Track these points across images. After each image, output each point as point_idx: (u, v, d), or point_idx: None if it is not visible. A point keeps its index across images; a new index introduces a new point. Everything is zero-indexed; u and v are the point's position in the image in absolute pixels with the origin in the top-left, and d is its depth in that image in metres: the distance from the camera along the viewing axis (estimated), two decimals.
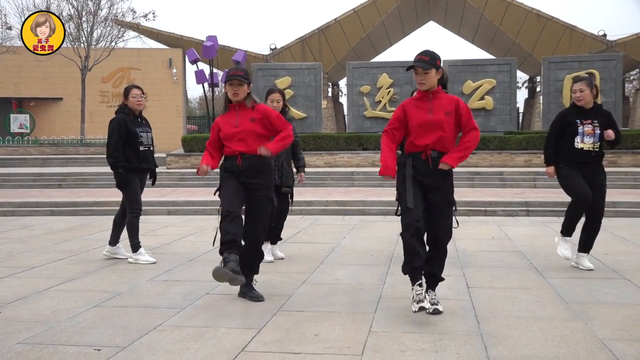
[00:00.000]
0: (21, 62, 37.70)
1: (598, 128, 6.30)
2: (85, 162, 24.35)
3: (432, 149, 4.77)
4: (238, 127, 5.22)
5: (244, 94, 5.25)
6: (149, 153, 7.13)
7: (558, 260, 6.78)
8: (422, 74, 4.75)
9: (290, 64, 27.97)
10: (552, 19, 35.42)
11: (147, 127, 7.20)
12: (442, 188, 4.80)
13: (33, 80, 40.13)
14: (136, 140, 7.01)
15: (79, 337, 4.27)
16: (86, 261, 7.12)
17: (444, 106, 4.80)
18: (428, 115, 4.78)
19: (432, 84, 4.78)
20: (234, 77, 5.18)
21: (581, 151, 6.33)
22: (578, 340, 4.13)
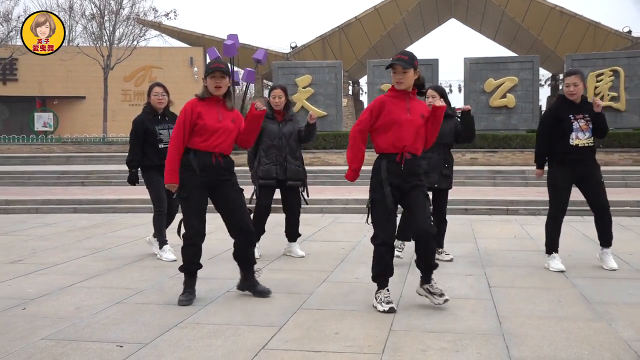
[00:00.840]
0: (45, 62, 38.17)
1: (591, 122, 6.19)
2: (108, 160, 24.56)
3: (408, 150, 4.85)
4: (221, 122, 5.08)
5: (226, 88, 5.14)
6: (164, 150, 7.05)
7: (581, 259, 6.72)
8: (400, 73, 4.79)
9: (310, 62, 28.00)
10: (575, 16, 35.07)
11: (171, 123, 7.08)
12: (418, 186, 4.90)
13: (56, 79, 40.63)
14: (155, 138, 7.04)
15: (102, 333, 4.31)
16: (109, 258, 7.18)
17: (420, 109, 4.90)
18: (407, 115, 4.82)
19: (409, 84, 4.84)
20: (218, 69, 5.03)
21: (577, 148, 6.19)
22: (602, 341, 4.09)
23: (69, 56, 36.49)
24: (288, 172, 6.91)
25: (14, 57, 37.45)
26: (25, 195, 13.95)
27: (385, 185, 4.82)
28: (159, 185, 7.10)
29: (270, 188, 6.97)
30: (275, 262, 6.91)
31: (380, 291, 4.92)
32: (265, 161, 6.89)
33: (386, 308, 4.77)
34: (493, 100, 22.68)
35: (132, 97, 41.68)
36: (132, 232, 9.39)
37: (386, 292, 4.91)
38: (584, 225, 9.57)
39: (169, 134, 7.01)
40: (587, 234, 8.59)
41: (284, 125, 6.99)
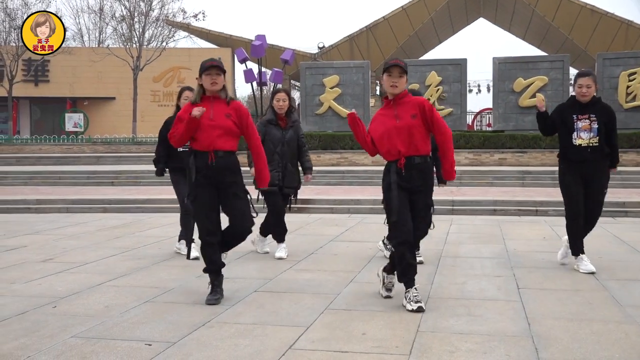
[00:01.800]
0: (76, 63, 38.74)
1: (595, 122, 6.08)
2: (137, 160, 24.80)
3: (405, 155, 4.89)
4: (213, 120, 5.03)
5: (222, 85, 5.08)
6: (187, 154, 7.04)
7: (612, 261, 6.62)
8: (397, 76, 4.88)
9: (338, 62, 27.98)
10: (607, 14, 34.55)
11: None
12: (424, 191, 4.99)
13: (87, 80, 41.17)
14: None
15: (131, 332, 4.36)
16: (137, 257, 7.25)
17: (408, 110, 4.91)
18: (395, 122, 4.90)
19: (402, 89, 4.93)
20: (213, 67, 5.02)
21: (579, 148, 6.13)
22: (633, 344, 4.02)
23: (99, 57, 37.02)
24: (286, 180, 6.98)
25: (45, 59, 38.05)
26: (56, 195, 14.16)
27: (394, 187, 4.92)
28: (183, 186, 7.14)
29: (276, 193, 7.01)
30: (302, 263, 6.92)
31: (409, 290, 4.91)
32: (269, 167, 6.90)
33: (415, 307, 4.77)
34: (522, 100, 22.42)
35: (161, 97, 42.07)
36: (161, 231, 9.47)
37: (414, 291, 4.90)
38: (615, 226, 9.41)
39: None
40: (619, 235, 8.46)
41: (287, 131, 7.01)
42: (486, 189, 14.78)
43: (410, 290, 4.91)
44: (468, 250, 7.60)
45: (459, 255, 7.30)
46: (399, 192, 4.91)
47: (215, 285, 5.22)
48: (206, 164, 5.06)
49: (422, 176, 4.96)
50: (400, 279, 5.01)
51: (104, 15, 39.91)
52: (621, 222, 10.01)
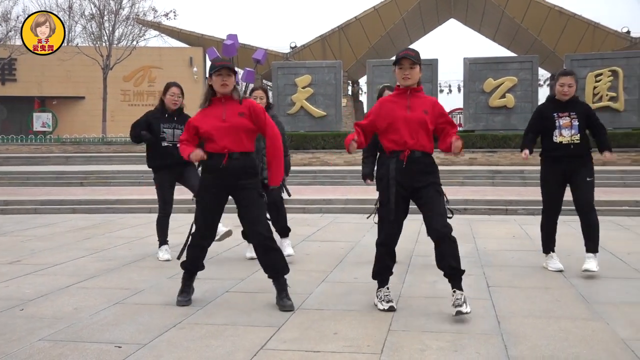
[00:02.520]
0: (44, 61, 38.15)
1: (576, 120, 6.12)
2: (107, 160, 24.56)
3: (411, 148, 4.74)
4: (226, 121, 4.88)
5: (232, 86, 4.92)
6: (173, 149, 6.87)
7: (579, 259, 6.71)
8: (408, 68, 4.74)
9: (310, 62, 28.00)
10: (574, 16, 35.09)
11: (178, 123, 7.04)
12: (429, 185, 4.76)
13: (56, 79, 40.61)
14: (158, 136, 7.02)
15: (100, 334, 4.31)
16: (107, 259, 7.18)
17: (422, 104, 4.79)
18: (406, 112, 4.76)
19: (414, 80, 4.79)
20: (224, 67, 4.86)
21: (560, 145, 6.17)
22: (599, 340, 4.09)
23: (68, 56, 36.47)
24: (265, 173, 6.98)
25: (12, 57, 37.44)
26: (24, 196, 13.95)
27: (392, 185, 4.75)
28: (165, 188, 7.17)
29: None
30: None
31: (380, 289, 4.92)
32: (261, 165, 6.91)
33: (386, 307, 4.77)
34: (492, 100, 22.66)
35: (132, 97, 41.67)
36: (131, 232, 9.39)
37: (386, 291, 4.91)
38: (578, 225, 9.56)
39: (174, 133, 7.00)
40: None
41: None
42: (457, 189, 14.91)
43: (382, 290, 4.92)
44: None
45: (430, 254, 7.31)
46: (397, 191, 4.74)
47: (186, 286, 5.16)
48: (218, 166, 4.91)
49: (422, 173, 4.76)
50: (374, 276, 5.00)
51: (73, 14, 39.36)
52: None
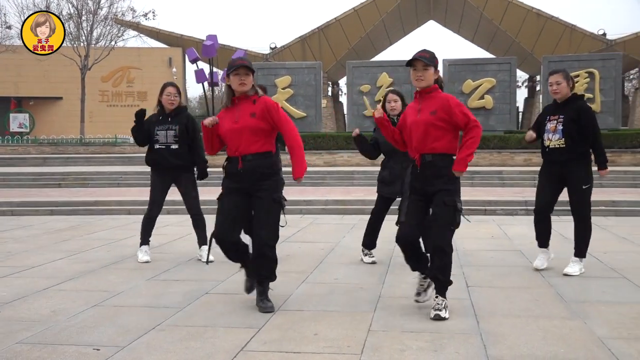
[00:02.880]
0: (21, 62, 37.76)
1: (561, 124, 6.04)
2: (85, 161, 24.35)
3: (421, 152, 4.74)
4: (238, 122, 4.82)
5: (250, 85, 4.85)
6: (165, 151, 6.92)
7: (557, 259, 6.78)
8: (421, 70, 4.70)
9: (290, 63, 28.00)
10: (552, 18, 35.46)
11: (173, 124, 6.94)
12: (442, 192, 4.70)
13: (33, 79, 40.22)
14: (152, 139, 6.99)
15: (78, 336, 4.27)
16: (85, 261, 7.12)
17: (431, 105, 4.73)
18: (416, 116, 4.77)
19: (429, 82, 4.74)
20: (242, 66, 4.77)
21: (548, 149, 6.18)
22: (577, 339, 4.14)
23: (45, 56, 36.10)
24: None
25: None
26: (1, 197, 13.77)
27: (406, 189, 4.90)
28: (157, 190, 7.10)
29: None
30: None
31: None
32: None
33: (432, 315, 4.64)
34: (471, 101, 22.82)
35: (110, 97, 41.37)
36: (110, 234, 9.32)
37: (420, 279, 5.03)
38: (560, 225, 9.67)
39: (167, 134, 6.92)
40: (564, 234, 8.68)
41: None
42: None
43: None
44: None
45: None
46: (412, 196, 4.86)
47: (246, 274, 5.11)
48: (233, 171, 4.87)
49: (435, 177, 4.70)
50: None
51: None
52: (565, 221, 10.27)
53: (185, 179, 7.05)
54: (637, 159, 19.32)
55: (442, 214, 4.68)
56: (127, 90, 41.28)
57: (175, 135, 6.91)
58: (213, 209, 5.41)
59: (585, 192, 6.14)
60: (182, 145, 6.92)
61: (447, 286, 4.73)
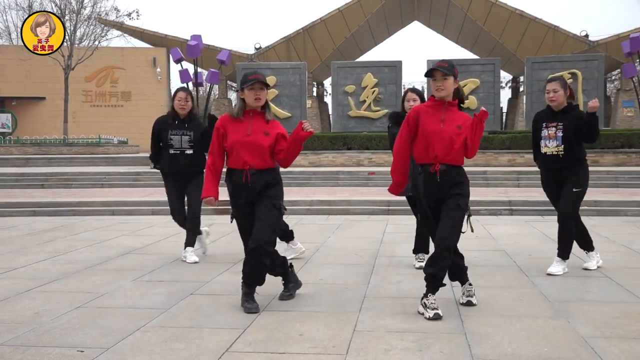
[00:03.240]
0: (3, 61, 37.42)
1: (561, 131, 6.07)
2: (69, 162, 24.19)
3: (440, 162, 4.74)
4: (250, 136, 4.84)
5: (265, 100, 4.89)
6: (180, 156, 6.95)
7: (541, 259, 6.84)
8: (441, 80, 4.71)
9: (274, 63, 27.98)
10: (535, 19, 35.68)
11: (188, 129, 6.98)
12: (452, 197, 4.75)
13: (15, 79, 39.83)
14: (166, 143, 7.01)
15: (62, 338, 4.24)
16: (69, 262, 7.07)
17: (456, 119, 4.76)
18: (440, 125, 4.74)
19: (449, 92, 4.75)
20: (257, 80, 4.79)
21: (545, 156, 6.21)
22: (561, 338, 4.17)
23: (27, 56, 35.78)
24: None
25: None
26: None
27: (422, 197, 4.82)
28: (174, 197, 7.15)
29: None
30: (239, 265, 6.87)
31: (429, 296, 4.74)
32: None
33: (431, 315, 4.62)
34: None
35: (94, 98, 41.07)
36: (94, 235, 9.26)
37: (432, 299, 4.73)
38: (544, 224, 9.75)
39: (181, 140, 6.95)
40: (547, 234, 8.75)
41: None
42: None
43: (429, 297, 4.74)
44: (404, 249, 7.71)
45: (395, 255, 7.41)
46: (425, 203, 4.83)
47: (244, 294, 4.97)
48: (239, 183, 4.89)
49: (450, 185, 4.76)
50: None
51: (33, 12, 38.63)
52: (549, 221, 10.37)
53: (194, 182, 7.02)
54: (619, 159, 19.51)
55: (454, 216, 4.73)
56: (110, 90, 41.01)
57: (190, 140, 6.96)
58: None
59: (576, 195, 6.20)
60: (196, 151, 7.00)
61: (439, 285, 4.76)
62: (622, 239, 8.41)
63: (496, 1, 35.62)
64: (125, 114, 39.93)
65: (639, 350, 3.90)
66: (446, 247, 4.67)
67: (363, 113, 22.97)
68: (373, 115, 22.57)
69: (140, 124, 37.49)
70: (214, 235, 8.28)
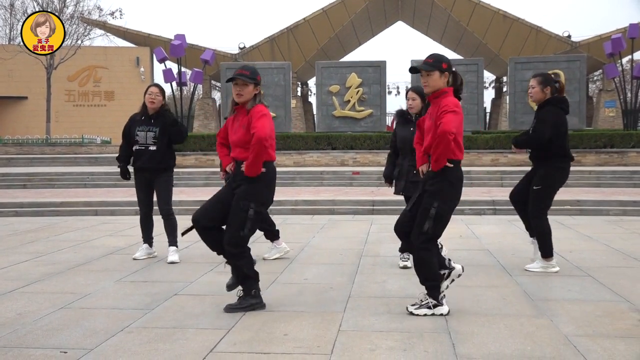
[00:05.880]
0: None
1: (531, 127, 6.30)
2: (51, 162, 24.00)
3: (426, 153, 4.84)
4: (235, 133, 4.93)
5: (249, 95, 4.87)
6: (145, 152, 6.96)
7: (524, 258, 6.88)
8: (424, 76, 4.77)
9: (258, 62, 27.92)
10: (518, 20, 35.92)
11: (154, 125, 6.97)
12: (428, 191, 4.85)
13: None
14: (133, 139, 7.03)
15: (45, 339, 4.21)
16: (52, 263, 7.01)
17: (433, 111, 4.78)
18: (430, 121, 4.82)
19: (435, 87, 4.75)
20: (238, 76, 4.83)
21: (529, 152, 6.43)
22: (543, 336, 4.20)
23: (9, 55, 35.49)
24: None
25: None
26: None
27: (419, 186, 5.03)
28: (139, 189, 7.17)
29: None
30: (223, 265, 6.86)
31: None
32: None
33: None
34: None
35: (77, 97, 40.78)
36: (77, 235, 9.19)
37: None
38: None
39: (146, 136, 6.96)
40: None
41: None
42: None
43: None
44: (388, 249, 7.73)
45: (380, 255, 7.42)
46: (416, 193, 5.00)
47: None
48: (230, 172, 5.02)
49: (430, 177, 4.85)
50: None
51: (15, 11, 38.36)
52: None
53: (161, 179, 7.05)
54: (601, 159, 19.68)
55: (421, 215, 4.88)
56: (93, 89, 40.73)
57: (154, 137, 6.96)
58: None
59: (537, 192, 6.28)
60: (160, 147, 6.96)
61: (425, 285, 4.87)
62: (604, 238, 8.49)
63: (479, 2, 35.82)
64: (108, 114, 39.69)
65: (621, 348, 3.94)
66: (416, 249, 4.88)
67: (347, 113, 22.98)
68: (357, 115, 22.59)
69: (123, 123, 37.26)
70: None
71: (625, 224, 10.08)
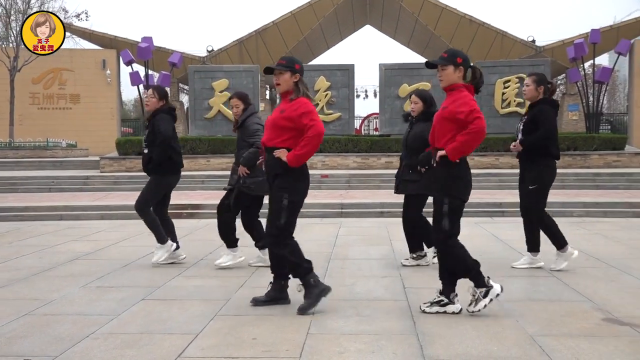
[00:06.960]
0: None
1: (522, 124, 6.49)
2: (15, 165, 23.59)
3: (434, 146, 4.91)
4: (270, 116, 5.03)
5: (287, 84, 4.94)
6: (144, 156, 6.96)
7: (490, 259, 6.96)
8: (439, 70, 4.85)
9: (227, 66, 27.80)
10: (484, 25, 36.34)
11: (148, 128, 6.95)
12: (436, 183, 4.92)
13: None
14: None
15: (7, 347, 4.13)
16: (15, 268, 6.88)
17: (447, 103, 4.83)
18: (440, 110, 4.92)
19: (449, 81, 4.81)
20: (275, 67, 4.97)
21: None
22: (510, 336, 4.25)
23: None
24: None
25: None
26: None
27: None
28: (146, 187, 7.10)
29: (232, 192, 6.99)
30: (191, 269, 6.82)
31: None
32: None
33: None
34: (407, 105, 23.11)
35: (41, 100, 40.09)
36: (41, 240, 9.04)
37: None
38: (493, 226, 9.92)
39: (143, 139, 6.98)
40: (496, 234, 8.91)
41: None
42: (374, 192, 15.15)
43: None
44: (356, 252, 7.76)
45: (348, 257, 7.44)
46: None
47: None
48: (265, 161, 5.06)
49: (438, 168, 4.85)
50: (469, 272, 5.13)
51: None
52: (498, 222, 10.57)
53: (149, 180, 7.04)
54: (565, 161, 19.98)
55: (435, 211, 5.03)
56: (59, 92, 40.06)
57: (145, 139, 6.99)
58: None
59: (531, 192, 6.45)
60: (151, 150, 6.91)
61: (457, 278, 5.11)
62: (568, 240, 8.59)
63: (446, 6, 36.16)
64: (74, 117, 39.08)
65: (584, 347, 4.01)
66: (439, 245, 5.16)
67: None
68: (326, 118, 22.60)
69: (90, 127, 36.81)
70: None
71: (588, 225, 10.27)
